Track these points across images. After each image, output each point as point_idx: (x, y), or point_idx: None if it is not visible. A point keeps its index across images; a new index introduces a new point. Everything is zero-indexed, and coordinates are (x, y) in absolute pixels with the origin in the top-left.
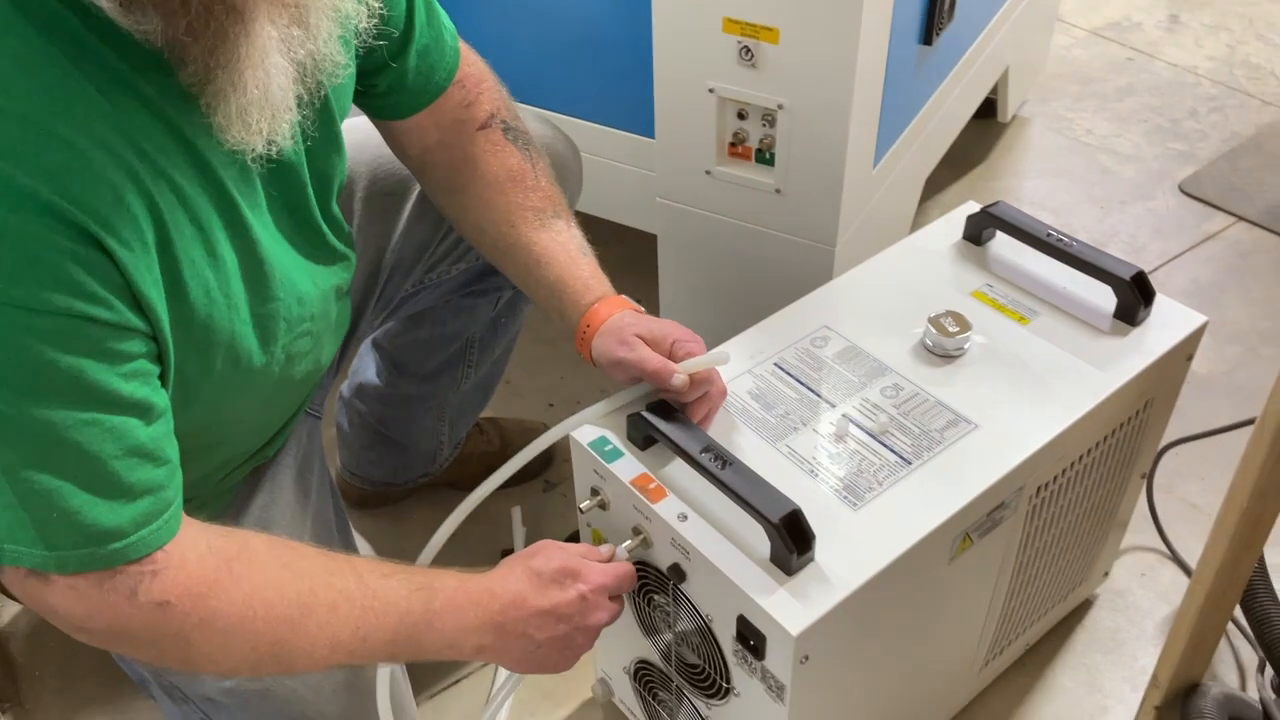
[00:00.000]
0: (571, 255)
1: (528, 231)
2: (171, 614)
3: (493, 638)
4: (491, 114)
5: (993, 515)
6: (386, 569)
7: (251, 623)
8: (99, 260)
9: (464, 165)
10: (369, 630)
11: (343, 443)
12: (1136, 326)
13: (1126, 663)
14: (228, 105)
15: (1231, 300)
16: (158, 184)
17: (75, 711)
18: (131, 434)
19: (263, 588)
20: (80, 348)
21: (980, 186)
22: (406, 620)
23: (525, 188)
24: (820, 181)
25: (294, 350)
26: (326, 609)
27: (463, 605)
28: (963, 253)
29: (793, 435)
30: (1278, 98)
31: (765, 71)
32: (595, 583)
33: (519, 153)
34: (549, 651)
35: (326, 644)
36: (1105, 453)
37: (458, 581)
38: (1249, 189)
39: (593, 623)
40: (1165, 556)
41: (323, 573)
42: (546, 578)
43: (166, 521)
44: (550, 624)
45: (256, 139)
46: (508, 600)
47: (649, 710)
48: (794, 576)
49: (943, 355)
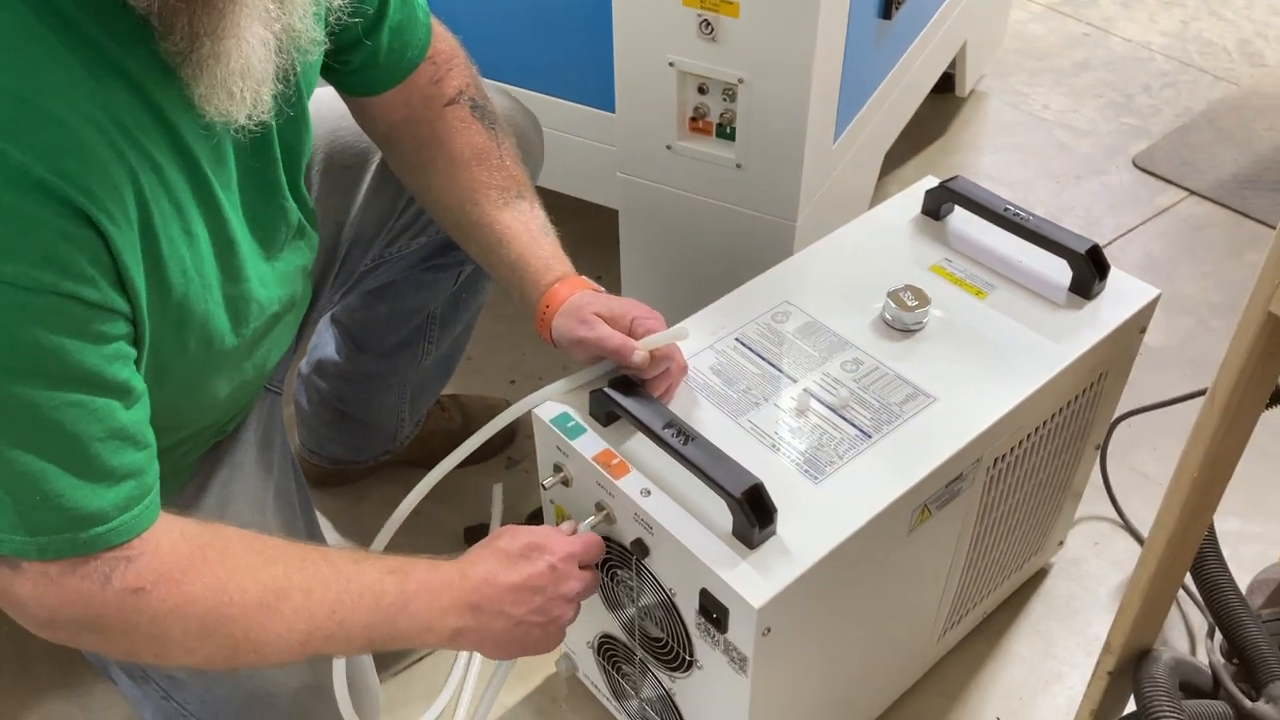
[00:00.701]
0: (533, 235)
1: (490, 210)
2: (146, 600)
3: (470, 618)
4: (460, 91)
5: (951, 487)
6: (358, 555)
7: (226, 608)
8: (89, 238)
9: (430, 141)
10: (345, 614)
11: (302, 421)
12: (1091, 300)
13: (1080, 629)
14: (211, 75)
15: (1183, 273)
16: (140, 161)
17: (33, 696)
18: (114, 416)
19: (236, 573)
20: (67, 327)
21: (938, 161)
22: (381, 603)
23: (490, 166)
24: (781, 156)
25: (262, 331)
26: (301, 593)
27: (436, 587)
28: (921, 227)
29: (754, 410)
30: (1229, 73)
31: (725, 45)
32: (562, 551)
33: (485, 131)
34: (529, 629)
35: (303, 629)
36: (1060, 425)
37: (429, 565)
38: (1201, 163)
39: (566, 591)
40: (1118, 526)
41: (296, 559)
42: (514, 554)
43: (146, 507)
44: (525, 597)
45: (240, 109)
46: (479, 579)
47: (613, 684)
48: (756, 550)
49: (902, 330)
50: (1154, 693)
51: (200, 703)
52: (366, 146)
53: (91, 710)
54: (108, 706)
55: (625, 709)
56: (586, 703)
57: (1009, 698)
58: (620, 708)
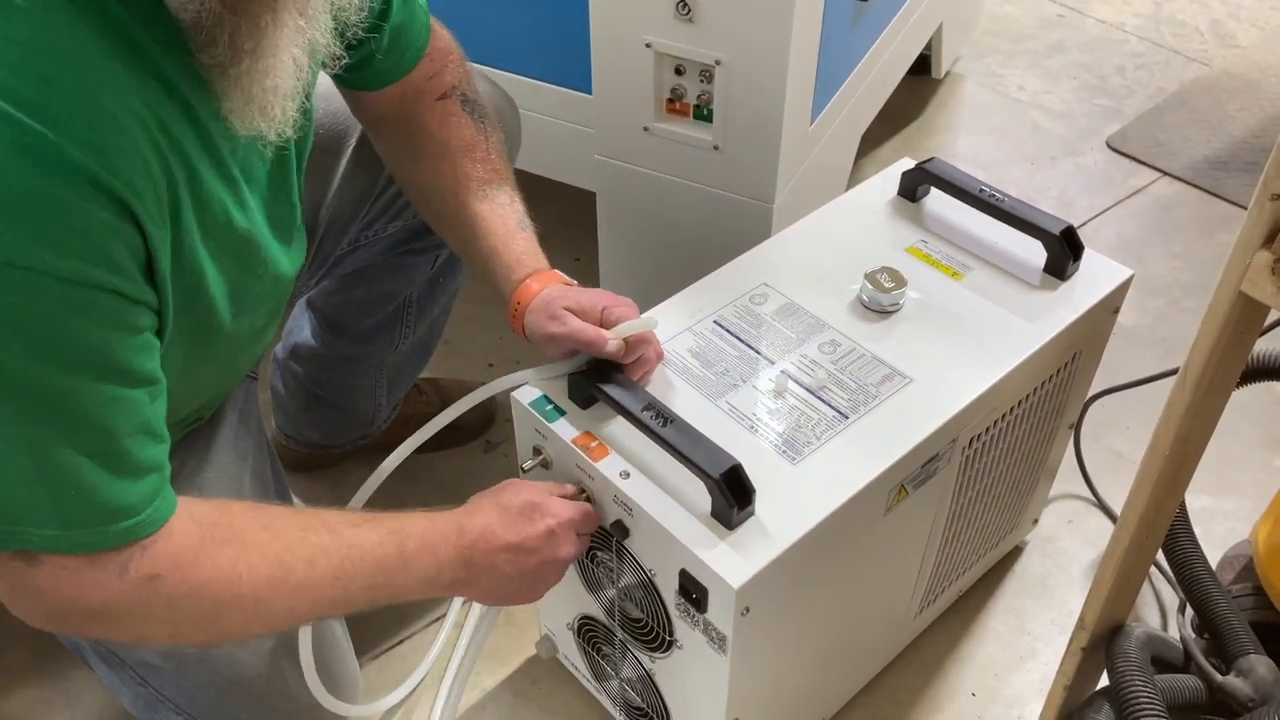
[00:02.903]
0: (509, 229)
1: (470, 202)
2: (161, 586)
3: (464, 571)
4: (454, 85)
5: (927, 467)
6: (355, 518)
7: (237, 585)
8: (131, 234)
9: (418, 131)
10: (348, 580)
11: (278, 405)
12: (1066, 280)
13: (1054, 606)
14: (246, 91)
15: (1156, 254)
16: (176, 161)
17: (9, 683)
18: (141, 410)
19: (245, 551)
20: (109, 321)
21: (915, 143)
22: (383, 565)
23: (475, 159)
24: (758, 138)
25: (258, 324)
26: (305, 564)
27: (434, 543)
28: (898, 209)
29: (732, 392)
30: (1202, 54)
31: (702, 26)
32: (563, 517)
33: (474, 124)
34: (518, 585)
35: (309, 598)
36: (1035, 404)
37: (427, 520)
38: (1173, 144)
39: (560, 555)
40: (1091, 504)
41: (297, 529)
42: (514, 512)
43: (166, 498)
44: (519, 557)
45: (271, 127)
46: (476, 534)
47: (593, 665)
48: (735, 531)
49: (879, 311)
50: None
51: (176, 689)
52: (342, 130)
53: (69, 696)
54: (85, 692)
55: (605, 690)
56: (567, 684)
57: (984, 673)
58: (600, 689)
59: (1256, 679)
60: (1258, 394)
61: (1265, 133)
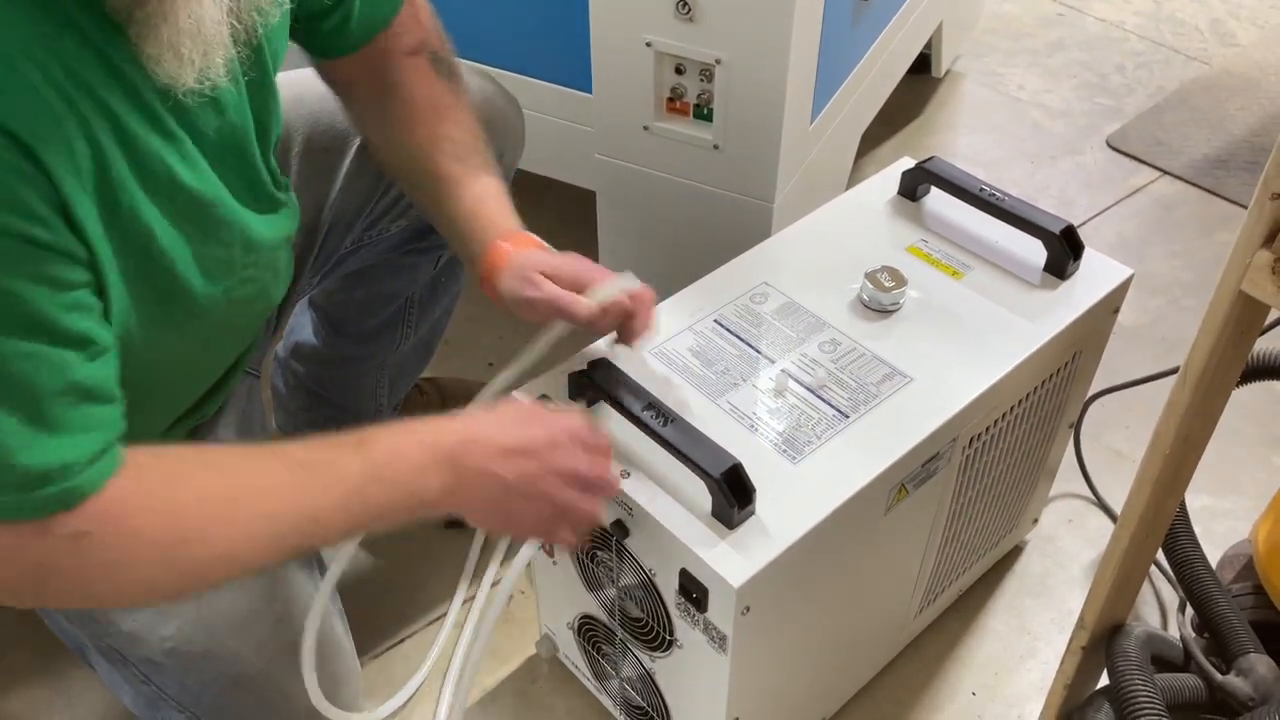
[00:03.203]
0: (486, 188)
1: (444, 161)
2: (91, 543)
3: (453, 474)
4: (422, 42)
5: (927, 466)
6: (312, 443)
7: (179, 529)
8: (38, 177)
9: (386, 90)
10: (311, 504)
11: (279, 405)
12: (1066, 280)
13: (1055, 605)
14: (158, 35)
15: (1156, 253)
16: (95, 115)
17: (11, 683)
18: (72, 370)
19: (182, 489)
20: (22, 270)
21: (915, 142)
22: (348, 481)
23: (448, 120)
24: (758, 137)
25: (236, 295)
26: (255, 496)
27: (408, 447)
28: (898, 208)
29: (733, 391)
30: (1202, 53)
31: (702, 25)
32: (565, 424)
33: (445, 84)
34: (521, 501)
35: (267, 531)
36: (1035, 403)
37: (401, 429)
38: (1173, 143)
39: (564, 465)
40: (1092, 503)
41: (242, 460)
42: (510, 417)
43: (104, 463)
44: (514, 460)
45: (188, 72)
46: (465, 434)
47: (593, 664)
48: (735, 530)
49: (879, 310)
50: (1126, 666)
51: (179, 686)
52: (345, 129)
53: (70, 696)
54: (85, 692)
55: (606, 689)
56: (567, 683)
57: (984, 672)
58: (601, 688)
59: (1257, 678)
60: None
61: (1265, 131)
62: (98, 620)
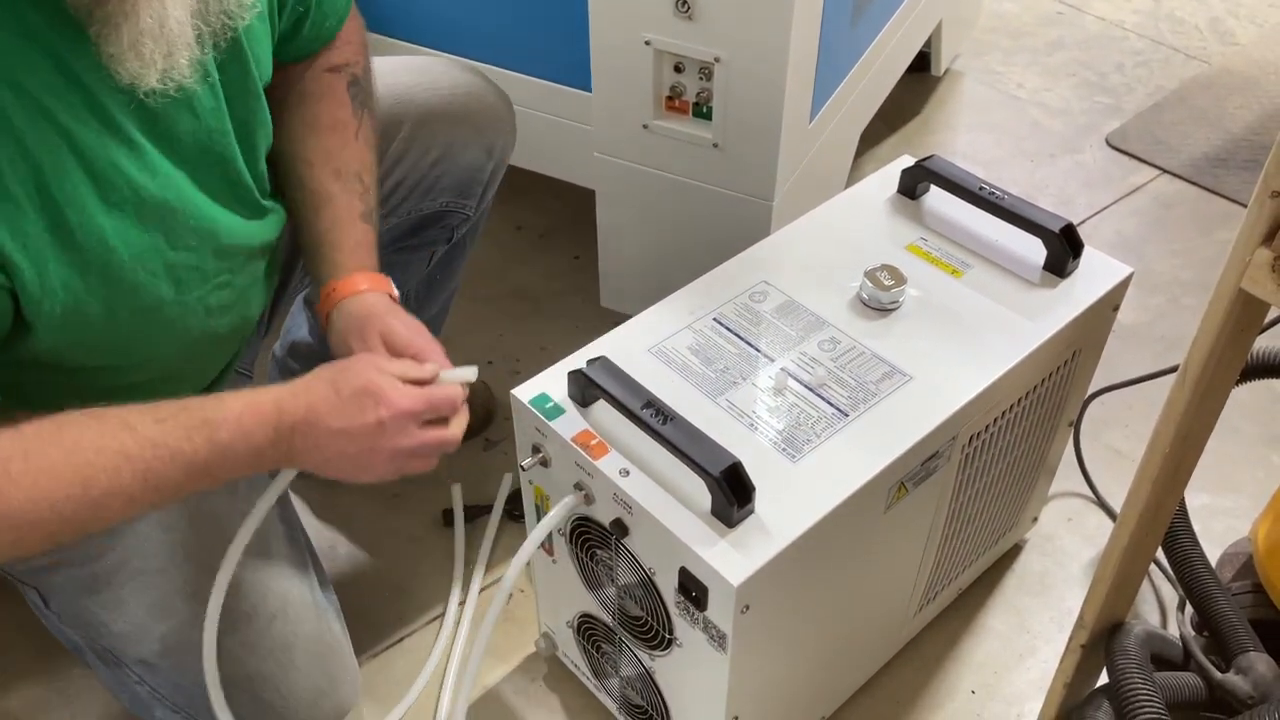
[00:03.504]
0: (353, 215)
1: (321, 177)
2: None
3: (285, 454)
4: (347, 62)
5: (927, 464)
6: (162, 413)
7: (35, 511)
8: None
9: (294, 96)
10: (159, 480)
11: None
12: (1065, 278)
13: (1054, 604)
14: (119, 34)
15: (1155, 251)
16: (37, 124)
17: (10, 682)
18: None
19: (40, 477)
20: None
21: (914, 141)
22: (195, 461)
23: (342, 140)
24: (757, 136)
25: (213, 303)
26: (108, 474)
27: (250, 429)
28: (897, 207)
29: (732, 389)
30: (1201, 52)
31: (701, 23)
32: (398, 408)
33: (352, 107)
34: (351, 466)
35: (120, 504)
36: (1035, 402)
37: (243, 405)
38: (1172, 142)
39: (396, 446)
40: (1091, 501)
41: (95, 437)
42: (345, 396)
43: None
44: (344, 444)
45: (150, 72)
46: (299, 416)
47: (593, 663)
48: (734, 528)
49: (878, 309)
50: (1126, 665)
51: (174, 687)
52: None
53: (69, 695)
54: (84, 691)
55: (605, 688)
56: (566, 682)
57: (983, 671)
58: (600, 687)
59: (1256, 676)
60: (1257, 391)
61: (1265, 130)
62: (91, 622)
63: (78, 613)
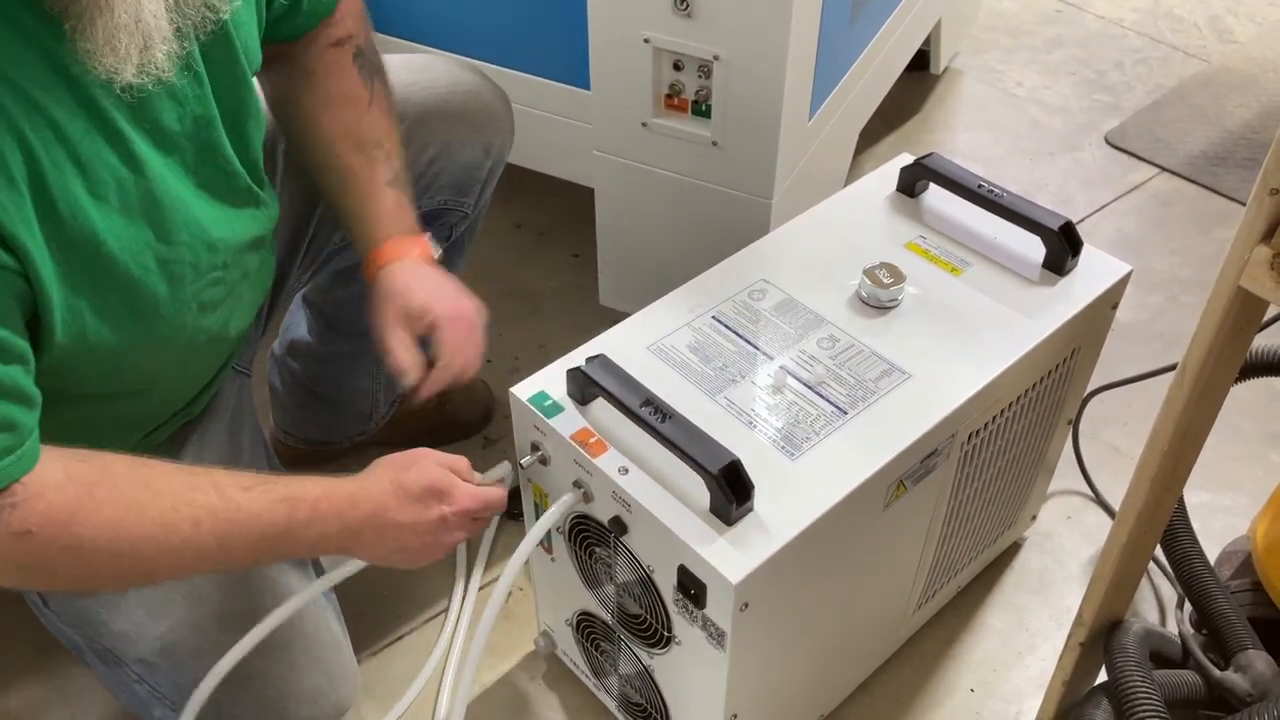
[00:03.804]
0: (376, 185)
1: (344, 154)
2: (34, 542)
3: (352, 542)
4: (349, 35)
5: (926, 462)
6: (247, 481)
7: (115, 544)
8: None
9: (301, 76)
10: (233, 543)
11: (276, 402)
12: (1064, 276)
13: (1053, 602)
14: (94, 29)
15: (1154, 249)
16: (31, 119)
17: (9, 681)
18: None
19: (125, 511)
20: None
21: (913, 139)
22: (270, 532)
23: (357, 113)
24: (756, 134)
25: (206, 299)
26: (190, 525)
27: (325, 515)
28: (896, 205)
29: (731, 387)
30: (1200, 50)
31: (701, 21)
32: (460, 506)
33: (361, 78)
34: (399, 558)
35: (192, 557)
36: (1034, 400)
37: (322, 490)
38: (1172, 140)
39: (449, 541)
40: (1090, 499)
41: (184, 489)
42: (414, 495)
43: (20, 457)
44: (408, 539)
45: (126, 66)
46: (369, 510)
47: (592, 661)
48: (733, 526)
49: (877, 306)
50: (1125, 663)
51: (173, 686)
52: None
53: (68, 694)
54: (83, 690)
55: (604, 686)
56: (565, 680)
57: (982, 669)
58: (599, 685)
59: (1255, 674)
60: (1256, 390)
61: (1264, 128)
62: (90, 621)
63: (77, 612)
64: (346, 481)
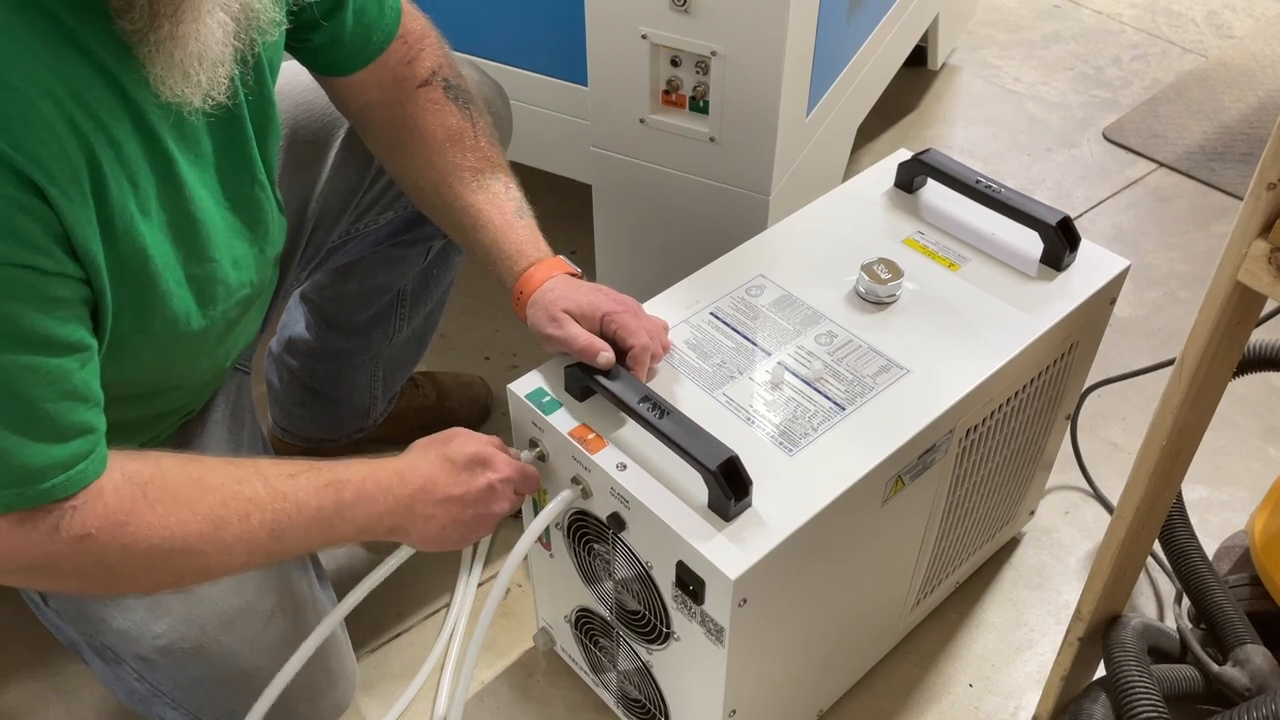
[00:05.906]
0: (507, 218)
1: (465, 193)
2: (93, 545)
3: (403, 518)
4: (433, 71)
5: (924, 458)
6: (292, 468)
7: (170, 542)
8: (41, 209)
9: (403, 123)
10: (283, 531)
11: (274, 399)
12: (1062, 271)
13: (1051, 597)
14: (168, 56)
15: (1152, 244)
16: (96, 136)
17: (6, 678)
18: (67, 377)
19: (178, 508)
20: (20, 294)
21: (911, 134)
22: (318, 517)
23: (464, 148)
24: (754, 130)
25: (232, 316)
26: (239, 519)
27: (373, 493)
28: (894, 200)
29: (729, 384)
30: (1198, 45)
31: (698, 17)
32: (504, 473)
33: (459, 112)
34: (450, 533)
35: (244, 550)
36: (1032, 395)
37: (367, 470)
38: (1169, 135)
39: (496, 510)
40: (1088, 495)
41: (231, 483)
42: (459, 464)
43: (94, 460)
44: (458, 509)
45: (195, 92)
46: (418, 485)
47: (591, 657)
48: (732, 522)
49: (875, 302)
50: (1123, 657)
51: (173, 684)
52: (330, 121)
53: (65, 691)
54: (81, 687)
55: (603, 682)
56: (564, 677)
57: (981, 665)
58: (598, 681)
59: (1253, 669)
60: (1254, 384)
61: (1261, 123)
62: (90, 619)
63: (77, 610)
64: (390, 461)
